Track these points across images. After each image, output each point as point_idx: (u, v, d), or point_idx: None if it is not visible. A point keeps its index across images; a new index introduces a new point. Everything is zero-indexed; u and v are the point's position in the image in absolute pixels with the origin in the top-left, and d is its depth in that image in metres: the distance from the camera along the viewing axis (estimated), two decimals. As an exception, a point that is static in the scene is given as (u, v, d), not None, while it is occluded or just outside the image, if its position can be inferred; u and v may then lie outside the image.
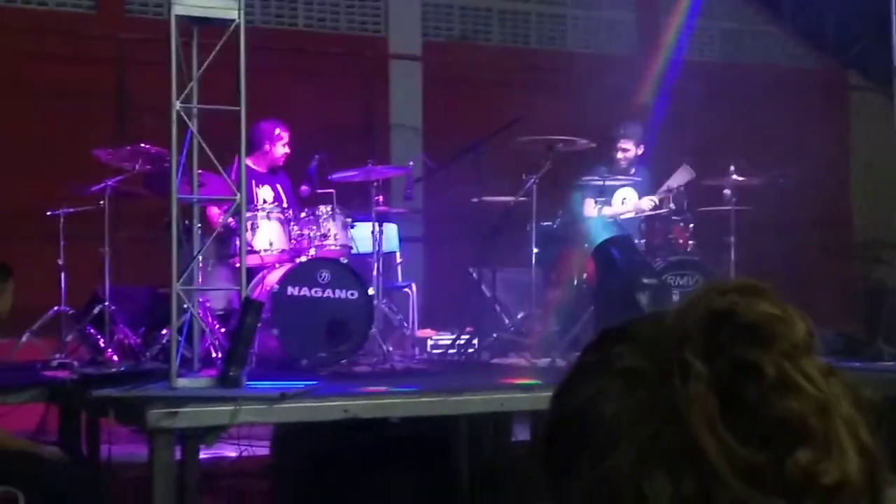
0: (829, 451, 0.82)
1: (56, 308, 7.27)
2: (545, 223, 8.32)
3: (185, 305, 5.84)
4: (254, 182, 7.68)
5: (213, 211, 7.40)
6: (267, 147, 7.89)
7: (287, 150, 7.96)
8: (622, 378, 0.85)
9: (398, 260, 8.76)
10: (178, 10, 5.76)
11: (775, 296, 0.87)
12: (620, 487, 0.81)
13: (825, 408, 0.83)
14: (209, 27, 5.96)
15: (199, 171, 5.99)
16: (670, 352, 0.84)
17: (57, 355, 7.00)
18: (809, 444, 0.81)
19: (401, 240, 8.91)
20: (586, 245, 8.26)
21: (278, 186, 7.94)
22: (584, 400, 0.86)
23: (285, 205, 7.71)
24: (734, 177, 8.31)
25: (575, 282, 8.34)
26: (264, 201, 7.65)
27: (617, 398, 0.84)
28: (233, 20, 5.84)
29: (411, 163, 8.19)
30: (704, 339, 0.84)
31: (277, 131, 7.92)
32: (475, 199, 7.94)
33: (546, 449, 0.89)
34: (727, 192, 8.33)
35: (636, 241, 8.25)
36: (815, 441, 0.81)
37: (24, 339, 7.14)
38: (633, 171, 8.64)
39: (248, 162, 7.14)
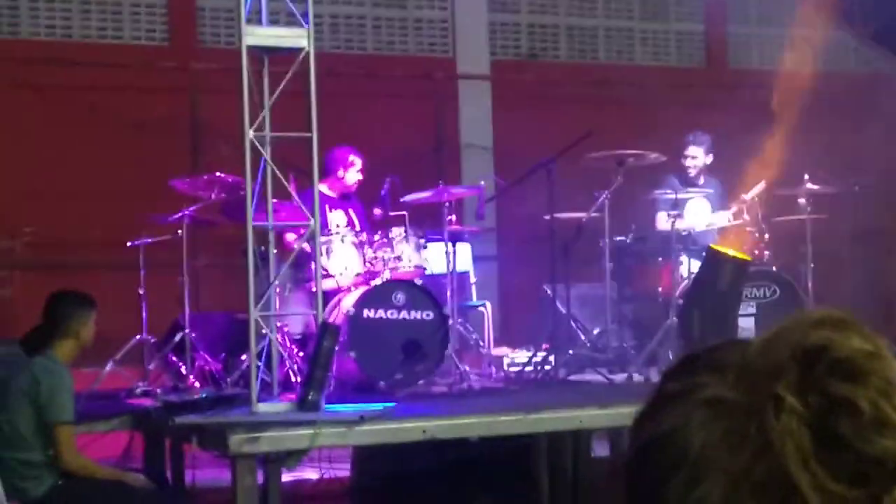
0: None
1: (138, 336, 7.38)
2: (618, 238, 8.30)
3: (264, 331, 5.91)
4: (327, 207, 7.74)
5: (289, 237, 7.47)
6: (340, 173, 7.94)
7: (360, 176, 8.01)
8: (708, 407, 0.85)
9: (472, 279, 8.78)
10: (249, 40, 5.86)
11: (865, 329, 0.87)
12: None
13: None
14: (279, 56, 6.05)
15: (273, 200, 6.07)
16: (760, 385, 0.84)
17: (140, 383, 7.12)
18: None
19: (474, 259, 8.93)
20: (661, 259, 8.23)
21: (350, 211, 8.00)
22: (670, 428, 0.87)
23: (358, 228, 7.77)
24: (809, 185, 8.24)
25: (650, 296, 8.32)
26: (337, 226, 7.71)
27: (704, 427, 0.85)
28: (302, 48, 5.92)
29: (482, 182, 8.21)
30: (798, 375, 0.84)
31: (351, 158, 7.97)
32: (547, 217, 7.94)
33: (631, 476, 0.90)
34: (802, 200, 8.26)
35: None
36: None
37: (107, 368, 7.27)
38: (703, 181, 8.59)
39: (322, 187, 7.21)
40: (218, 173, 7.14)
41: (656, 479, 0.86)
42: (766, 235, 8.24)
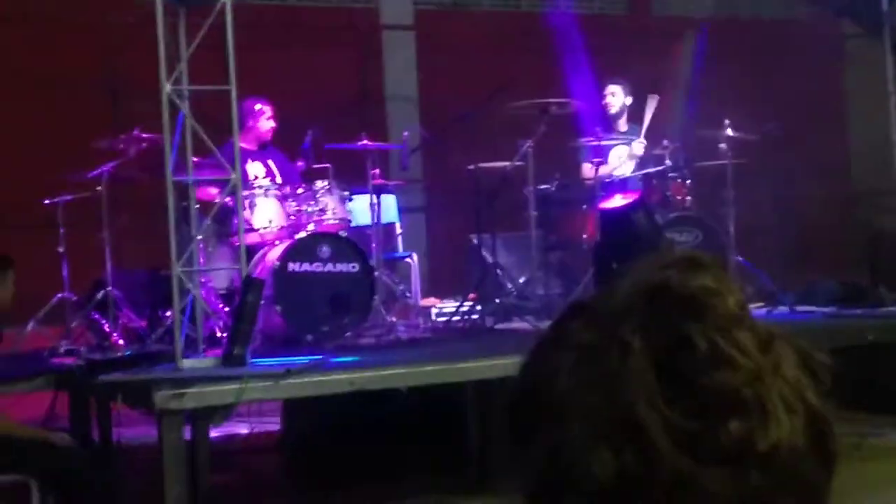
0: (765, 418, 0.83)
1: (59, 295, 7.29)
2: (543, 186, 8.33)
3: (188, 287, 5.86)
4: (248, 159, 7.65)
5: (210, 192, 7.36)
6: (251, 124, 7.79)
7: (272, 123, 7.85)
8: (573, 353, 0.87)
9: (398, 231, 8.77)
10: (164, -9, 5.76)
11: (716, 268, 0.88)
12: (572, 460, 0.83)
13: (759, 377, 0.83)
14: (196, 7, 5.96)
15: (193, 158, 6.01)
16: (611, 327, 0.85)
17: (63, 342, 7.03)
18: (742, 414, 0.82)
19: (401, 210, 8.92)
20: (584, 206, 8.27)
21: (270, 162, 7.90)
22: (541, 374, 0.88)
23: (278, 180, 7.70)
24: (729, 130, 8.28)
25: (575, 243, 8.36)
26: (255, 177, 7.61)
27: (568, 372, 0.86)
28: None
29: (406, 133, 8.17)
30: (643, 314, 0.85)
31: (258, 107, 7.81)
32: (471, 167, 7.94)
33: (509, 421, 0.91)
34: (723, 145, 8.30)
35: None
36: (749, 410, 0.82)
37: (29, 327, 7.18)
38: (627, 128, 8.61)
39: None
40: (136, 129, 7.03)
41: (528, 424, 0.88)
42: (689, 181, 8.30)
